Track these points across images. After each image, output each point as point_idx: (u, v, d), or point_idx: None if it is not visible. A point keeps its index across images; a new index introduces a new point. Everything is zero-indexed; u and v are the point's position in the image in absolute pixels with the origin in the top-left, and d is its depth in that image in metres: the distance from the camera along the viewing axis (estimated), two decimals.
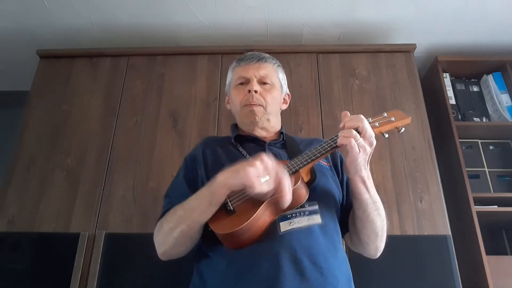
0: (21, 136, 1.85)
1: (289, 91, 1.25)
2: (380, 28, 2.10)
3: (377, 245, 1.01)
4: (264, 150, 1.01)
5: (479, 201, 1.77)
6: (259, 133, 1.11)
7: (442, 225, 1.60)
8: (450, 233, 1.58)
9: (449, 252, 1.54)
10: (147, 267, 1.52)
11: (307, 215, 0.90)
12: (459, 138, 1.91)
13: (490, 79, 2.09)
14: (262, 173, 0.77)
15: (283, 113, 1.22)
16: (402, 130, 0.91)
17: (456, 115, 2.01)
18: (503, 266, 1.64)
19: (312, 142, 1.14)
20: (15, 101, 2.34)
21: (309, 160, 0.87)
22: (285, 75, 1.22)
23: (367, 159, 0.89)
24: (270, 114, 1.12)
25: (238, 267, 0.84)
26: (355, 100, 1.87)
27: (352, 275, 0.92)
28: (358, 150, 0.84)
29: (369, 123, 0.88)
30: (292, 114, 1.83)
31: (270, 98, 1.11)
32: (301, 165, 0.87)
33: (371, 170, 1.72)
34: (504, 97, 2.03)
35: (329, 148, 0.88)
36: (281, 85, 1.19)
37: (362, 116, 0.87)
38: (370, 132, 0.85)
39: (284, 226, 0.87)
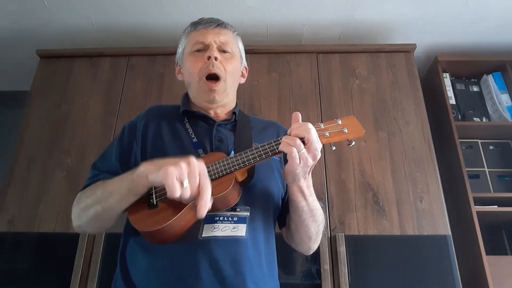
0: (21, 136, 1.85)
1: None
2: (380, 28, 2.10)
3: (309, 246, 1.00)
4: (212, 131, 0.97)
5: (479, 201, 1.77)
6: (213, 110, 1.02)
7: (442, 225, 1.60)
8: (450, 233, 1.58)
9: (449, 252, 1.54)
10: None
11: (234, 222, 0.84)
12: (459, 138, 1.90)
13: (490, 79, 2.09)
14: (185, 176, 0.71)
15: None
16: (353, 144, 0.83)
17: (456, 115, 2.01)
18: (503, 266, 1.64)
19: (266, 127, 1.07)
20: (15, 101, 2.34)
21: (247, 163, 0.82)
22: (243, 45, 1.12)
23: (307, 171, 0.83)
24: (230, 87, 1.03)
25: (159, 271, 0.81)
26: (355, 100, 1.87)
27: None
28: (298, 161, 0.78)
29: (320, 129, 0.83)
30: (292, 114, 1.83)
31: (230, 68, 1.00)
32: (237, 167, 0.82)
33: (371, 169, 1.74)
34: (504, 97, 2.03)
35: (270, 153, 0.82)
36: (241, 56, 1.09)
37: (311, 126, 0.80)
38: (315, 145, 0.78)
39: (206, 231, 0.82)
